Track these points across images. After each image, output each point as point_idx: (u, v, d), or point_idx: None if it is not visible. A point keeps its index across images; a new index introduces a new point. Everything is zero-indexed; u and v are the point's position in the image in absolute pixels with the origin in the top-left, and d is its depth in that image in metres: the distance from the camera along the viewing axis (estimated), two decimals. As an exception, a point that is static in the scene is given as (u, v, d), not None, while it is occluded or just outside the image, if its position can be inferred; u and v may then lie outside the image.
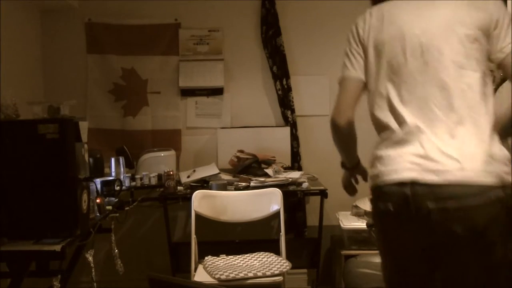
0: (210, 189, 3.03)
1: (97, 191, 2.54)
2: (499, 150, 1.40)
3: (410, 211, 1.40)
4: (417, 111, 1.47)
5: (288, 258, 2.77)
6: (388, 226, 1.51)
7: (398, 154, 1.45)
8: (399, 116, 1.50)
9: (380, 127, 1.56)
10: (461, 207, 1.32)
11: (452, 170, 1.34)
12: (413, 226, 1.41)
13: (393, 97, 1.52)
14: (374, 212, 1.58)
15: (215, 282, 2.52)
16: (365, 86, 1.64)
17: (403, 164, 1.42)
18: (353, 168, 1.86)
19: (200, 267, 2.76)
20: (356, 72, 1.64)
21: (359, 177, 1.90)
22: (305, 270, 3.43)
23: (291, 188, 3.08)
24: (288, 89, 3.58)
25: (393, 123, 1.51)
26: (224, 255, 2.91)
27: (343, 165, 1.88)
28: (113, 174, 3.13)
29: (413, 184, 1.39)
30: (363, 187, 2.84)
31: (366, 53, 1.62)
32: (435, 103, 1.46)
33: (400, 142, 1.46)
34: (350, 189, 1.93)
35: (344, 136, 1.68)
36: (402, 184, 1.41)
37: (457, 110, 1.44)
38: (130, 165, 3.33)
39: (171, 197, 3.12)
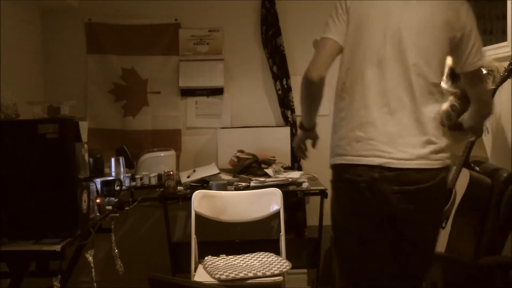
0: (210, 189, 3.03)
1: (97, 191, 2.53)
2: (444, 139, 1.61)
3: (375, 190, 1.59)
4: (388, 95, 1.60)
5: (288, 258, 2.77)
6: (353, 201, 1.66)
7: (367, 137, 1.59)
8: (370, 97, 1.62)
9: (348, 101, 1.66)
10: (418, 189, 1.56)
11: (414, 159, 1.55)
12: (376, 202, 1.61)
13: (368, 76, 1.63)
14: (338, 187, 1.73)
15: (215, 282, 2.52)
16: (340, 52, 1.72)
17: (373, 149, 1.57)
18: (309, 130, 1.96)
19: (200, 267, 2.76)
20: (338, 36, 1.71)
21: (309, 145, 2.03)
22: (305, 270, 3.43)
23: (291, 188, 3.08)
24: (288, 89, 3.58)
25: (362, 102, 1.62)
26: (224, 255, 2.91)
27: (301, 125, 1.98)
28: (113, 174, 3.12)
29: (380, 168, 1.57)
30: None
31: (348, 25, 1.69)
32: (404, 90, 1.60)
33: (370, 124, 1.60)
34: (302, 151, 2.05)
35: (314, 92, 1.75)
36: (370, 167, 1.58)
37: (417, 102, 1.59)
38: (130, 165, 3.33)
39: (171, 197, 3.12)
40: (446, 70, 2.62)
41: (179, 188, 3.15)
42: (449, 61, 2.66)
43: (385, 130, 1.58)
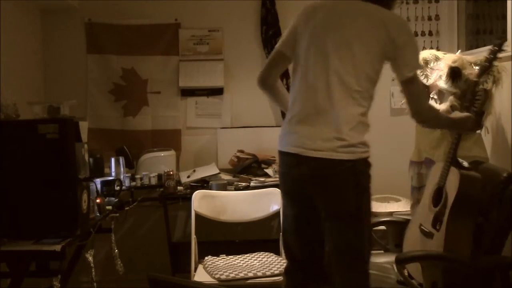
0: (210, 189, 3.03)
1: (97, 191, 2.54)
2: (357, 137, 1.88)
3: (295, 173, 1.96)
4: (314, 98, 1.91)
5: (288, 258, 2.77)
6: (283, 181, 2.07)
7: (295, 131, 1.95)
8: (302, 98, 1.95)
9: (291, 102, 2.02)
10: (326, 173, 1.88)
11: (325, 150, 1.86)
12: (296, 183, 1.99)
13: (303, 81, 1.95)
14: (278, 170, 2.11)
15: (215, 282, 2.52)
16: (289, 61, 2.06)
17: (297, 141, 1.92)
18: None
19: (200, 267, 2.76)
20: (285, 47, 2.04)
21: None
22: (305, 270, 3.42)
23: (291, 188, 3.08)
24: (288, 89, 3.56)
25: (297, 102, 1.97)
26: (224, 255, 2.91)
27: (282, 114, 2.36)
28: (113, 174, 3.13)
29: (299, 156, 1.91)
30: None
31: (297, 38, 2.00)
32: (326, 95, 1.89)
33: (299, 122, 1.94)
34: None
35: (265, 92, 2.20)
36: (293, 154, 1.93)
37: (337, 106, 1.87)
38: (130, 165, 3.33)
39: (171, 197, 3.12)
40: (446, 71, 2.65)
41: (179, 188, 3.15)
42: (448, 61, 2.67)
43: (308, 126, 1.92)
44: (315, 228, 1.98)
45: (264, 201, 2.94)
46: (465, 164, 2.32)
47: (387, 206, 3.22)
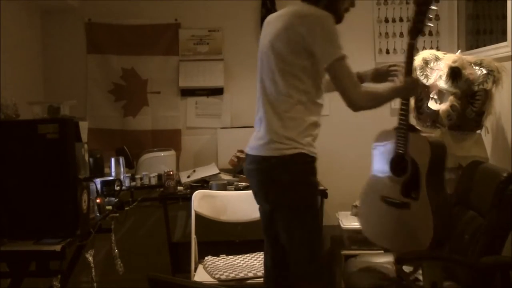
0: (210, 189, 3.03)
1: (97, 191, 2.54)
2: (284, 132, 2.02)
3: (245, 169, 2.22)
4: (258, 108, 2.14)
5: (288, 258, 2.77)
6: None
7: (253, 134, 2.18)
8: (256, 109, 2.17)
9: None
10: (256, 168, 2.09)
11: (256, 148, 2.08)
12: (248, 177, 2.22)
13: (257, 91, 2.17)
14: None
15: (215, 282, 2.52)
16: None
17: (249, 141, 2.17)
18: None
19: (200, 267, 2.76)
20: None
21: None
22: (305, 270, 3.42)
23: (291, 188, 3.08)
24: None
25: (256, 111, 2.17)
26: (224, 255, 2.91)
27: None
28: (113, 174, 3.13)
29: (247, 154, 2.17)
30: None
31: None
32: (259, 100, 2.14)
33: (255, 127, 2.17)
34: None
35: None
36: (246, 153, 2.18)
37: (265, 108, 2.08)
38: (130, 165, 3.33)
39: (171, 197, 3.12)
40: (446, 71, 2.64)
41: (179, 188, 3.15)
42: (448, 61, 2.67)
43: (255, 128, 2.15)
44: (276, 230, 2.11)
45: (264, 201, 2.94)
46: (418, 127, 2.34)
47: (387, 206, 3.22)
